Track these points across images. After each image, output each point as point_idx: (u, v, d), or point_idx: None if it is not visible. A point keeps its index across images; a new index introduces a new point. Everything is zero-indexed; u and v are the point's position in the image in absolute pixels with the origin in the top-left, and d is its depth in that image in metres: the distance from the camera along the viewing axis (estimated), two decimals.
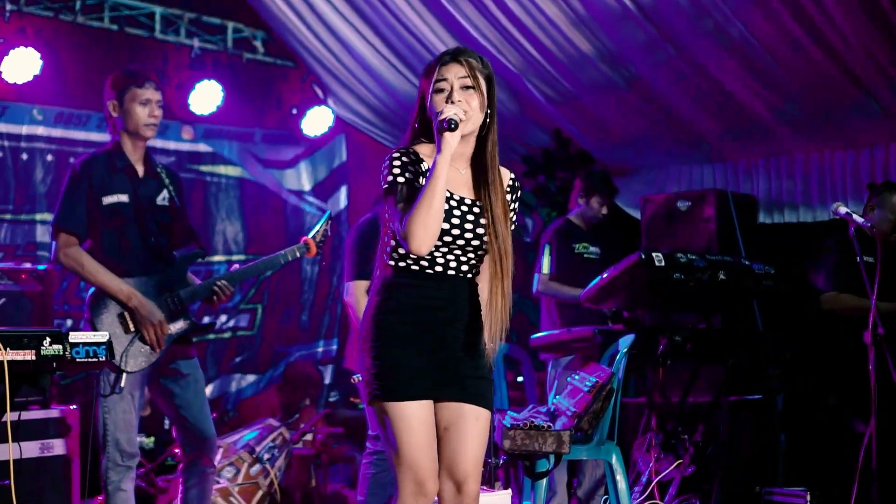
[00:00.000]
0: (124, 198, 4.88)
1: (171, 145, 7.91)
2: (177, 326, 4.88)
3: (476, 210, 3.59)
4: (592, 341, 6.04)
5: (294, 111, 8.62)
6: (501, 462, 5.18)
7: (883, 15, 6.11)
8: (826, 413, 6.35)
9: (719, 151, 7.99)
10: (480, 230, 3.57)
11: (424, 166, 3.54)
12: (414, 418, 3.52)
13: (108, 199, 4.85)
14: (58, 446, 5.36)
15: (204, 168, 8.20)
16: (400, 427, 3.52)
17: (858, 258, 5.33)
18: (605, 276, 5.90)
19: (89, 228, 4.82)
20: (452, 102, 3.47)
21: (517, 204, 3.77)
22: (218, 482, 6.15)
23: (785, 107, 7.14)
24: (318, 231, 5.31)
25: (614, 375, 5.21)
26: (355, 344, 5.76)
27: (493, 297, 3.59)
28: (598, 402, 5.13)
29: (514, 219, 3.75)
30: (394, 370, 3.53)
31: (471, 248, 3.58)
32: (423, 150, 3.59)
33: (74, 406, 5.52)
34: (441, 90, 3.52)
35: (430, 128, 3.52)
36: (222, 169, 8.32)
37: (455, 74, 3.52)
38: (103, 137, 6.32)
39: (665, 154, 8.27)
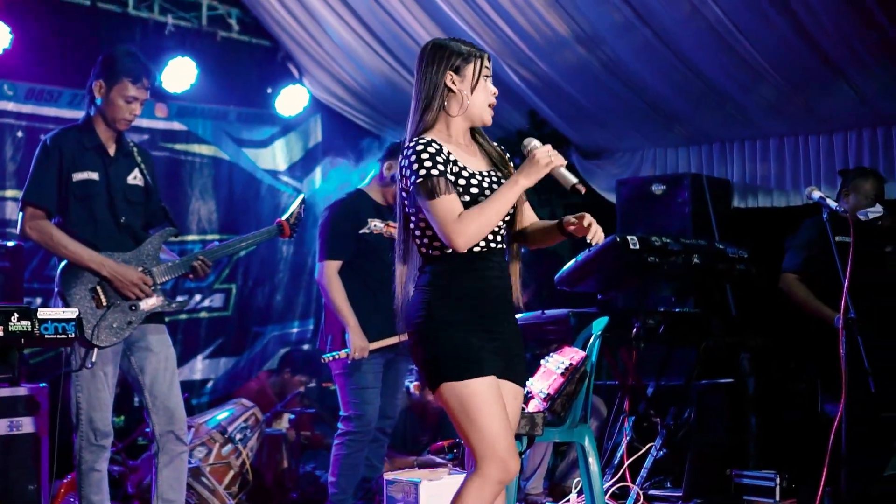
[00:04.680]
0: (94, 175, 4.83)
1: (145, 123, 7.82)
2: (150, 303, 4.84)
3: (494, 178, 3.66)
4: (566, 324, 6.04)
5: (269, 90, 8.56)
6: None
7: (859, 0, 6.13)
8: (797, 397, 6.37)
9: (695, 135, 8.00)
10: None
11: (446, 152, 3.55)
12: (491, 394, 3.46)
13: (79, 176, 4.80)
14: (27, 424, 5.30)
15: (178, 147, 8.13)
16: (478, 404, 3.44)
17: (832, 242, 5.35)
18: (579, 258, 5.91)
19: (59, 204, 4.78)
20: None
21: None
22: (189, 462, 6.12)
23: (760, 90, 7.15)
24: (292, 213, 5.30)
25: (588, 358, 5.21)
26: (329, 324, 5.75)
27: (516, 260, 3.75)
28: (571, 384, 5.13)
29: None
30: (462, 350, 3.48)
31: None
32: (432, 135, 3.60)
33: (44, 384, 5.48)
34: (489, 76, 3.65)
35: (442, 109, 3.61)
36: (196, 148, 8.25)
37: (489, 67, 3.67)
38: (74, 114, 6.24)
39: (640, 137, 8.28)
